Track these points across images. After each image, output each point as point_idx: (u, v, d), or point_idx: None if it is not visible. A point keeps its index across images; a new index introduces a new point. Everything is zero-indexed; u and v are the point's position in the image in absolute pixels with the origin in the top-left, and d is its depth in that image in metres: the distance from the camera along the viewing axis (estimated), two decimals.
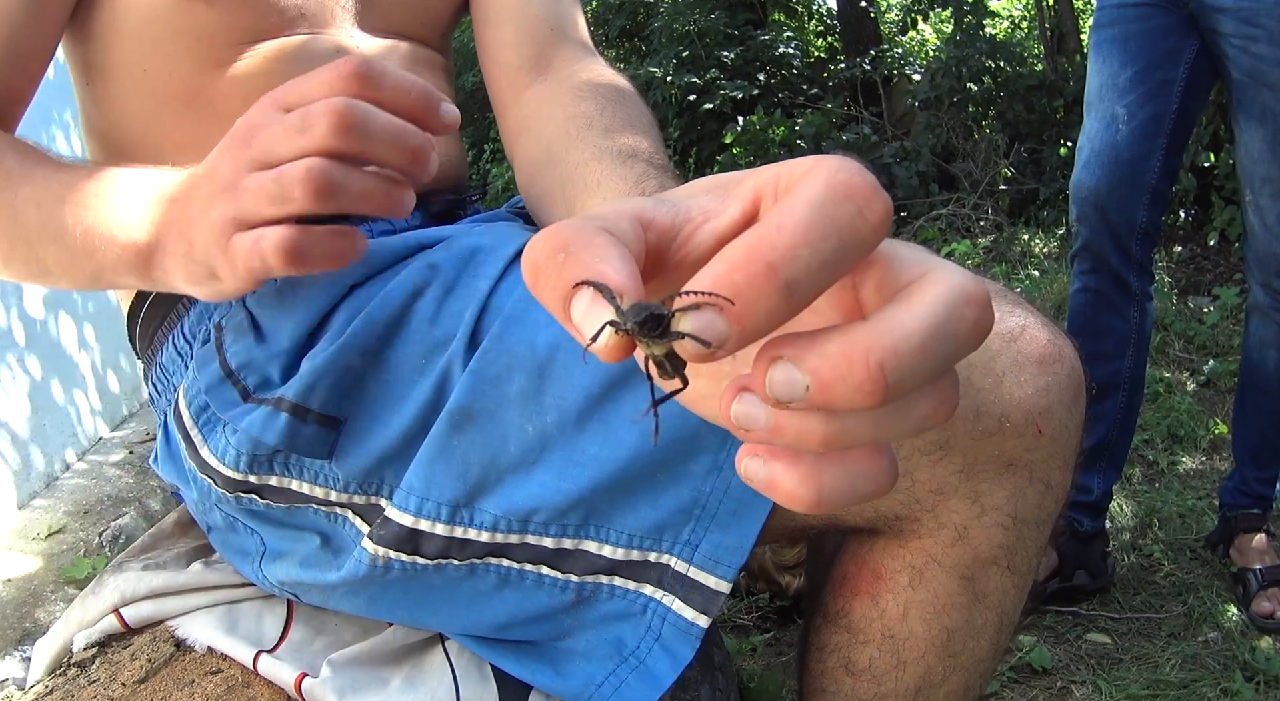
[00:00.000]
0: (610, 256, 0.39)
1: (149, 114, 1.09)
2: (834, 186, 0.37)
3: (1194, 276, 4.70)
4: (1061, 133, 5.83)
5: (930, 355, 0.37)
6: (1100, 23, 2.33)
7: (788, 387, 0.36)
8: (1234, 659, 2.17)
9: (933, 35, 7.56)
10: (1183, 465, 3.06)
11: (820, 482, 0.40)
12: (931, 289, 0.38)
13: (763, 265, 0.35)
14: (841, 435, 0.38)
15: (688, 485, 0.84)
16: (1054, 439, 0.85)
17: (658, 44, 6.99)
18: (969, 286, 0.38)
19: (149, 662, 1.00)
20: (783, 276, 0.35)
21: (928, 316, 0.37)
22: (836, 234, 0.36)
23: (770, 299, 0.36)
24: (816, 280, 0.36)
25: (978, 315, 0.38)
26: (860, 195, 0.37)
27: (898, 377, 0.36)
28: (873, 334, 0.36)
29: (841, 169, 0.38)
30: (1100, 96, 2.31)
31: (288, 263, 0.74)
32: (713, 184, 0.45)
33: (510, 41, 1.13)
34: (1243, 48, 2.10)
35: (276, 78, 1.07)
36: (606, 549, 0.86)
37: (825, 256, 0.36)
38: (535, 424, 0.85)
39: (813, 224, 0.36)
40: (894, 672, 0.93)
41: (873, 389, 0.35)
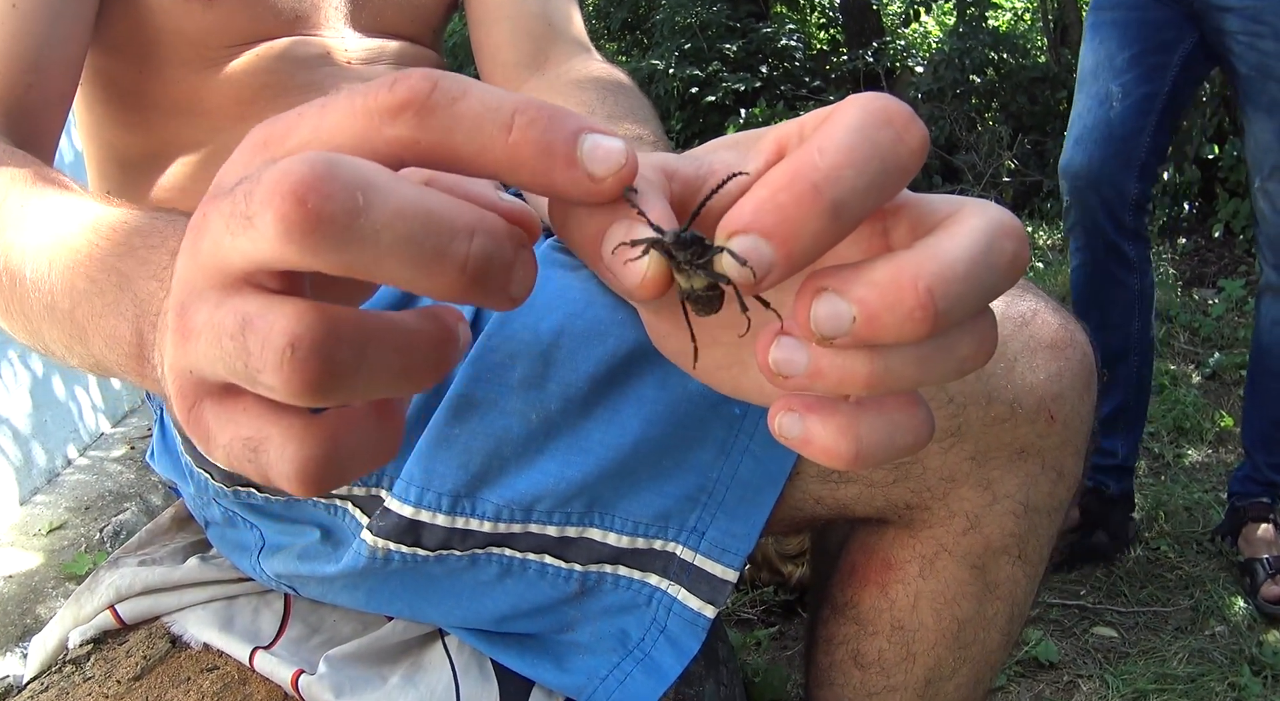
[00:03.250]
0: (644, 193, 0.38)
1: (144, 118, 1.08)
2: (872, 112, 0.37)
3: (1198, 269, 4.69)
4: (1064, 125, 5.82)
5: (975, 284, 0.36)
6: (1101, 4, 2.39)
7: (833, 320, 0.35)
8: (1241, 653, 2.16)
9: (935, 27, 7.56)
10: (1188, 458, 3.05)
11: (859, 433, 0.39)
12: (970, 220, 0.38)
13: (808, 185, 0.35)
14: (886, 375, 0.37)
15: (694, 471, 0.83)
16: (1066, 425, 0.85)
17: (660, 37, 6.99)
18: (1006, 219, 0.38)
19: (145, 659, 0.99)
20: (829, 197, 0.35)
21: (971, 244, 0.36)
22: (879, 156, 0.36)
23: (818, 220, 0.35)
24: (862, 202, 0.35)
25: (1016, 247, 0.38)
26: (899, 120, 0.37)
27: (947, 305, 0.35)
28: (920, 260, 0.35)
29: (876, 97, 0.37)
30: (1095, 75, 2.37)
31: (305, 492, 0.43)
32: (733, 141, 0.45)
33: (506, 39, 1.13)
34: (1249, 44, 2.17)
35: (270, 78, 1.07)
36: (611, 536, 0.85)
37: (870, 177, 0.35)
38: (539, 411, 0.84)
39: (856, 146, 0.35)
40: (904, 664, 0.92)
41: (923, 315, 0.35)
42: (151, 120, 1.08)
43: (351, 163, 0.32)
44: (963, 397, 0.81)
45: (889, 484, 0.86)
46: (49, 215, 0.74)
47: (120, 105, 1.08)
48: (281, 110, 1.21)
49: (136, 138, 1.10)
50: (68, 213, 0.72)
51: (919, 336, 0.35)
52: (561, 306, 0.84)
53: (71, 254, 0.68)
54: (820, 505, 0.89)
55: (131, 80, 1.05)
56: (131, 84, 1.06)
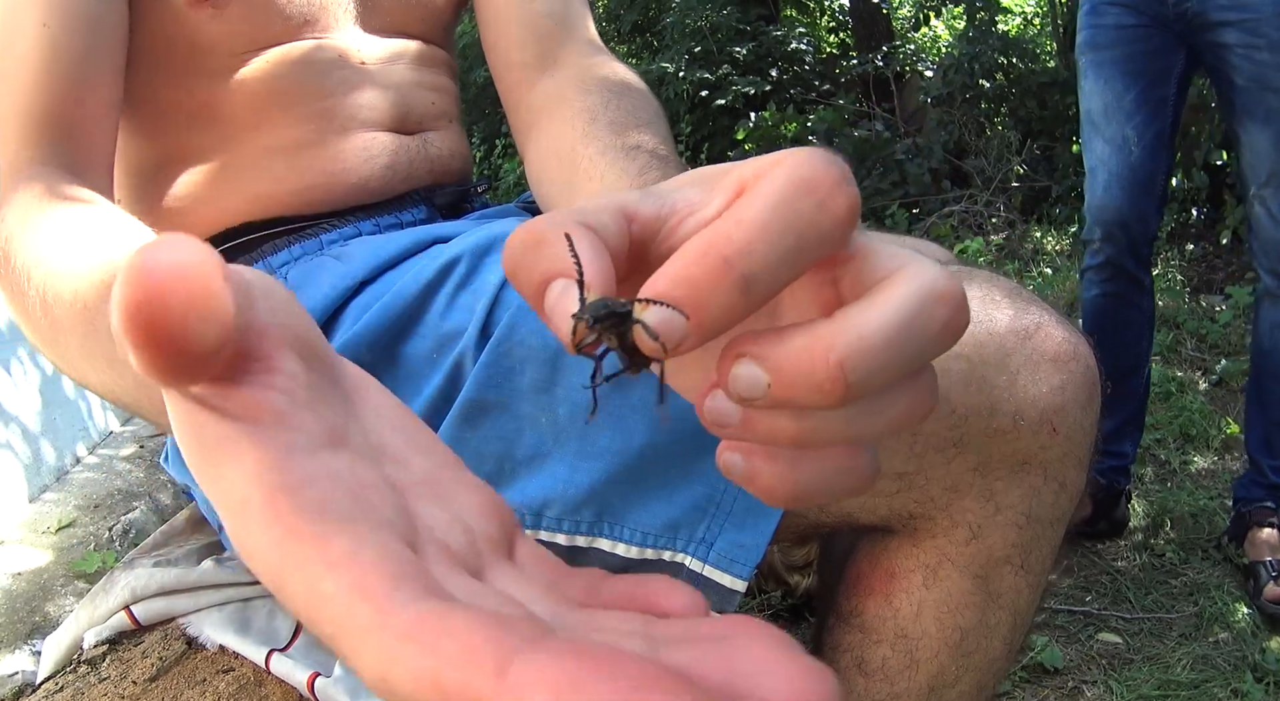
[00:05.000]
0: (582, 248, 0.38)
1: (156, 127, 1.09)
2: (795, 181, 0.36)
3: (1206, 275, 4.68)
4: (1074, 130, 5.80)
5: (896, 354, 0.36)
6: (1098, 43, 2.49)
7: (750, 385, 0.36)
8: (1244, 659, 2.16)
9: (945, 32, 7.54)
10: (1194, 465, 3.05)
11: (797, 478, 0.40)
12: (901, 286, 0.37)
13: (718, 260, 0.35)
14: (812, 433, 0.38)
15: (701, 481, 0.84)
16: (1068, 437, 0.85)
17: (670, 40, 6.98)
18: (941, 284, 0.37)
19: (160, 660, 1.00)
20: (738, 271, 0.35)
21: (894, 315, 0.36)
22: (797, 229, 0.36)
23: (726, 295, 0.35)
24: (774, 276, 0.36)
25: (949, 315, 0.37)
26: (823, 188, 0.36)
27: (860, 376, 0.35)
28: (836, 331, 0.35)
29: (808, 161, 0.37)
30: (1107, 119, 2.47)
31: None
32: (700, 176, 0.44)
33: (515, 40, 1.12)
34: (1246, 56, 2.26)
35: (283, 84, 1.08)
36: (620, 547, 0.86)
37: (783, 252, 0.36)
38: (548, 415, 0.85)
39: (771, 218, 0.35)
40: (907, 672, 0.93)
41: (833, 388, 0.35)
42: (163, 129, 1.09)
43: None
44: (965, 409, 0.82)
45: (892, 494, 0.87)
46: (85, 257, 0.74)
47: (131, 114, 1.08)
48: (296, 117, 1.20)
49: (148, 146, 1.10)
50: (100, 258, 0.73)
51: (832, 405, 0.36)
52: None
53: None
54: (825, 514, 0.89)
55: (142, 90, 1.05)
56: (142, 94, 1.06)
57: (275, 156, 1.09)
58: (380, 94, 1.15)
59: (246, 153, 1.09)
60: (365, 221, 1.10)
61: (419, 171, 1.16)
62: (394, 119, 1.15)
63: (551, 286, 0.38)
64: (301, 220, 1.09)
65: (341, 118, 1.11)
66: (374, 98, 1.14)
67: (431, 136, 1.19)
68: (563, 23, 1.12)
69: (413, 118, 1.17)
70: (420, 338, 0.91)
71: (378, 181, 1.12)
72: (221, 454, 0.31)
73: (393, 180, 1.13)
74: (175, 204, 1.10)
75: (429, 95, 1.21)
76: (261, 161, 1.09)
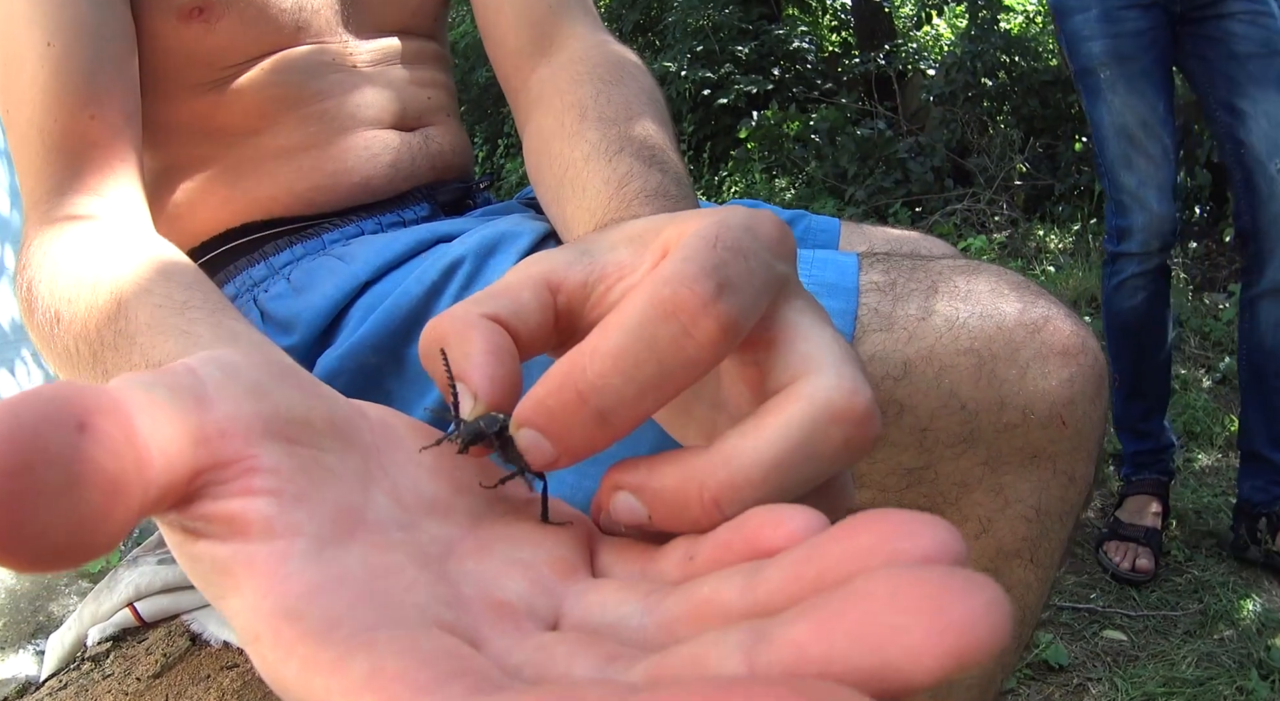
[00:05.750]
0: (473, 354, 0.38)
1: (152, 138, 1.07)
2: (656, 304, 0.34)
3: (1210, 272, 4.68)
4: (1076, 128, 5.81)
5: (780, 483, 0.34)
6: (1124, 54, 2.42)
7: (631, 516, 0.36)
8: (1249, 657, 2.16)
9: (947, 30, 7.54)
10: (1198, 462, 3.04)
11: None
12: (791, 407, 0.35)
13: (573, 394, 0.34)
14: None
15: None
16: (1078, 431, 0.85)
17: (672, 39, 6.98)
18: (839, 402, 0.35)
19: (164, 657, 1.00)
20: (593, 405, 0.34)
21: (776, 444, 0.34)
22: (656, 358, 0.34)
23: (584, 427, 0.34)
24: (633, 409, 0.34)
25: (847, 433, 0.34)
26: (686, 312, 0.34)
27: (737, 510, 0.33)
28: (709, 467, 0.34)
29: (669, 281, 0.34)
30: (1147, 133, 2.43)
31: None
32: (635, 233, 0.43)
33: (511, 25, 1.11)
34: (1252, 21, 2.28)
35: (279, 91, 1.07)
36: None
37: (641, 384, 0.34)
38: None
39: (625, 350, 0.34)
40: None
41: (710, 522, 0.34)
42: (160, 140, 1.08)
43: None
44: (975, 404, 0.82)
45: (902, 489, 0.86)
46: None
47: None
48: (296, 120, 1.19)
49: (146, 156, 1.08)
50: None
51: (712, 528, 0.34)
52: None
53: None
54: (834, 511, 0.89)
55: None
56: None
57: (277, 160, 1.09)
58: (377, 93, 1.14)
59: (246, 157, 1.09)
60: (368, 220, 1.10)
61: (421, 168, 1.15)
62: (393, 116, 1.15)
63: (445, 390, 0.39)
64: (304, 220, 1.09)
65: (341, 118, 1.10)
66: (372, 97, 1.14)
67: (432, 132, 1.18)
68: (557, 5, 1.10)
69: (411, 114, 1.17)
70: None
71: (380, 180, 1.12)
72: (222, 585, 0.30)
73: (395, 178, 1.13)
74: (175, 210, 1.10)
75: (425, 91, 1.20)
76: (262, 165, 1.09)
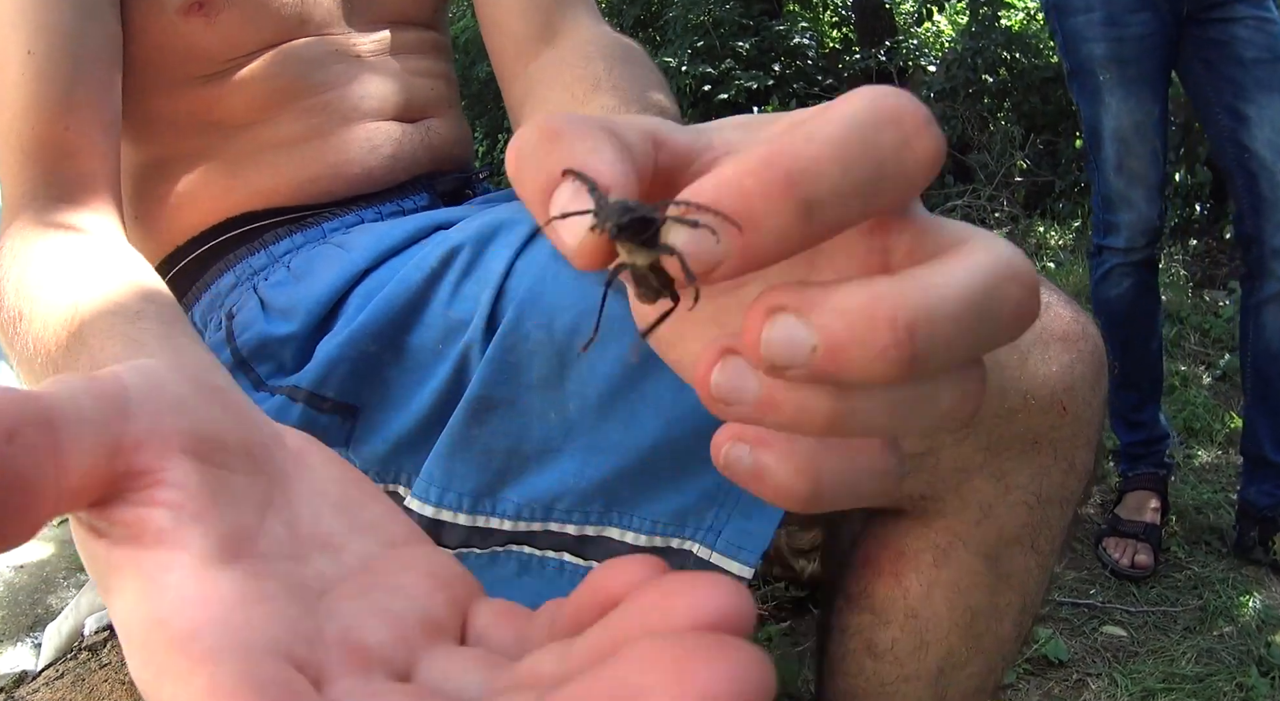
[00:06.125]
0: (603, 149, 0.33)
1: (151, 131, 1.08)
2: (880, 107, 0.31)
3: (1209, 270, 4.68)
4: (1077, 125, 5.78)
5: (966, 330, 0.30)
6: (1124, 57, 2.41)
7: (788, 348, 0.29)
8: (1249, 653, 2.16)
9: (948, 26, 7.54)
10: (1198, 459, 3.04)
11: (819, 475, 0.33)
12: (975, 254, 0.31)
13: (780, 174, 0.29)
14: (849, 419, 0.31)
15: (711, 471, 0.83)
16: (1078, 417, 0.85)
17: (672, 34, 6.97)
18: (1018, 262, 0.31)
19: None
20: (802, 192, 0.29)
21: (968, 283, 0.30)
22: (875, 159, 0.30)
23: (783, 216, 0.29)
24: (843, 208, 0.30)
25: (1022, 296, 0.31)
26: (910, 123, 0.31)
27: (927, 347, 0.29)
28: (903, 291, 0.29)
29: (891, 92, 0.31)
30: (1140, 136, 2.44)
31: None
32: (743, 121, 0.39)
33: (515, 11, 1.10)
34: (1258, 27, 2.26)
35: (281, 83, 1.07)
36: (629, 535, 0.85)
37: (857, 181, 0.30)
38: (557, 410, 0.84)
39: (849, 141, 0.30)
40: (916, 654, 0.93)
41: (898, 356, 0.28)
42: (159, 132, 1.08)
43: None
44: None
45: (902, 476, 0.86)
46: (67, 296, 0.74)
47: (126, 120, 1.04)
48: (297, 112, 1.19)
49: (144, 149, 1.09)
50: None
51: (889, 380, 0.29)
52: (574, 304, 0.84)
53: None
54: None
55: (136, 97, 1.03)
56: (136, 100, 1.04)
57: (277, 151, 1.09)
58: (379, 84, 1.14)
59: (246, 149, 1.09)
60: (368, 209, 1.10)
61: (421, 159, 1.15)
62: (395, 107, 1.14)
63: (561, 186, 0.32)
64: (304, 210, 1.09)
65: (344, 110, 1.10)
66: (373, 88, 1.13)
67: (434, 123, 1.18)
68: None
69: (413, 105, 1.16)
70: (426, 327, 0.90)
71: (381, 171, 1.11)
72: (110, 582, 0.30)
73: (396, 169, 1.12)
74: (175, 200, 1.10)
75: (427, 82, 1.20)
76: (263, 156, 1.09)
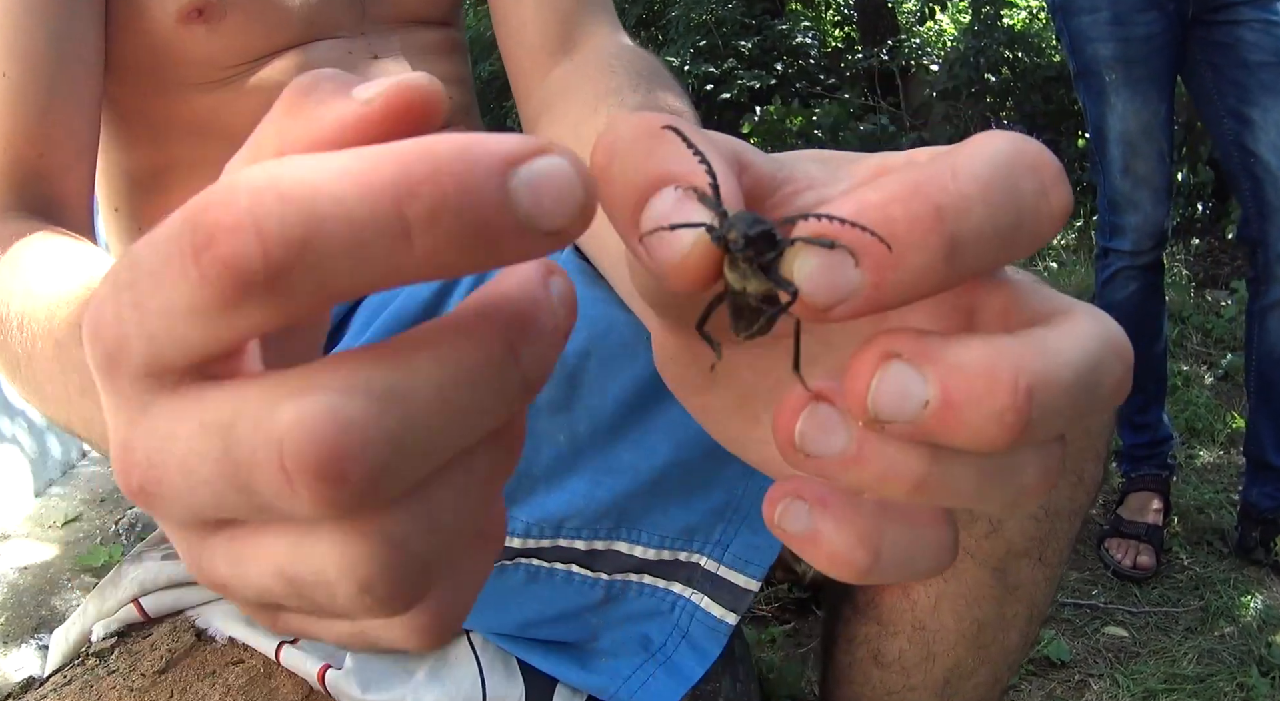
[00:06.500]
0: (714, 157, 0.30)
1: (151, 138, 1.05)
2: (1019, 152, 0.29)
3: (1211, 269, 4.67)
4: (1079, 124, 5.80)
5: (1074, 401, 0.28)
6: (1131, 57, 2.39)
7: (899, 400, 0.28)
8: (1250, 653, 2.16)
9: (950, 26, 7.53)
10: (1200, 459, 3.04)
11: (880, 545, 0.31)
12: (1085, 325, 0.30)
13: (930, 206, 0.27)
14: (938, 483, 0.29)
15: (721, 488, 0.84)
16: (1087, 430, 0.85)
17: (675, 33, 6.96)
18: (1120, 337, 0.30)
19: (169, 652, 1.00)
20: (950, 228, 0.27)
21: (1083, 353, 0.29)
22: (1016, 204, 0.28)
23: (928, 252, 0.27)
24: (984, 252, 0.28)
25: (1123, 374, 0.30)
26: (1048, 174, 0.29)
27: (1040, 415, 0.27)
28: (1025, 351, 0.28)
29: (1028, 140, 0.30)
30: (1147, 138, 2.43)
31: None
32: (820, 155, 0.37)
33: (532, 18, 1.05)
34: (1264, 30, 2.24)
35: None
36: (638, 549, 0.86)
37: (999, 225, 0.28)
38: (566, 433, 0.84)
39: (994, 182, 0.28)
40: (923, 664, 0.93)
41: (1013, 421, 0.27)
42: (159, 139, 1.05)
43: (361, 400, 0.24)
44: None
45: None
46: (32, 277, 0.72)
47: (124, 125, 1.04)
48: None
49: (144, 155, 1.06)
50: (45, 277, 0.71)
51: (996, 446, 0.27)
52: (585, 325, 0.84)
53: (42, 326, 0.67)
54: None
55: (134, 103, 1.01)
56: (135, 106, 1.02)
57: None
58: None
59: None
60: None
61: None
62: None
63: (663, 191, 0.30)
64: None
65: None
66: None
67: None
68: (585, 2, 1.05)
69: None
70: None
71: None
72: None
73: None
74: (175, 208, 1.07)
75: (446, 89, 1.11)
76: None
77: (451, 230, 0.23)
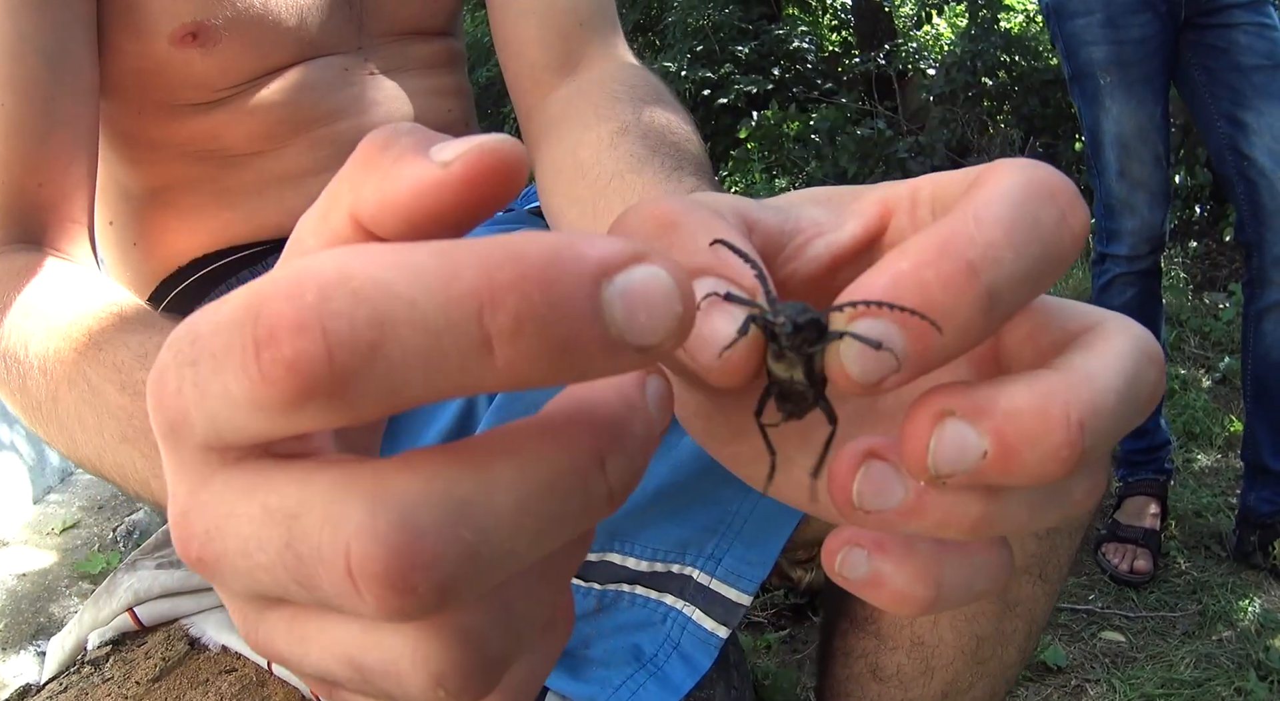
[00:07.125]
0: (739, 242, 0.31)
1: (148, 156, 1.04)
2: (1034, 183, 0.30)
3: (1209, 272, 4.67)
4: (1076, 128, 5.79)
5: (1120, 418, 0.29)
6: (1125, 60, 2.40)
7: (958, 454, 0.28)
8: (1248, 658, 2.16)
9: (947, 29, 7.53)
10: (1198, 462, 3.04)
11: (939, 578, 0.31)
12: (1116, 339, 0.30)
13: (962, 264, 0.27)
14: (995, 520, 0.30)
15: (716, 505, 0.84)
16: None
17: (672, 38, 6.97)
18: (1150, 342, 0.31)
19: (163, 661, 1.00)
20: (985, 281, 0.27)
21: (1121, 371, 0.29)
22: (1040, 238, 0.29)
23: (968, 311, 0.27)
24: (1018, 295, 0.29)
25: (1158, 379, 0.31)
26: (1064, 197, 0.30)
27: (1093, 442, 0.28)
28: (1071, 385, 0.28)
29: (1035, 165, 0.30)
30: (1143, 141, 2.42)
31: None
32: (819, 195, 0.37)
33: (534, 37, 1.01)
34: (1258, 33, 2.24)
35: (286, 112, 1.02)
36: (630, 560, 0.86)
37: (1029, 264, 0.28)
38: None
39: (1017, 221, 0.28)
40: (921, 679, 0.93)
41: (1069, 455, 0.27)
42: (157, 158, 1.04)
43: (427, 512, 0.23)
44: None
45: None
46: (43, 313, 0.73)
47: (119, 143, 1.03)
48: (306, 143, 1.13)
49: (141, 173, 1.06)
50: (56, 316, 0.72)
51: (1054, 479, 0.28)
52: None
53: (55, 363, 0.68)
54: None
55: (131, 123, 1.01)
56: (130, 126, 1.01)
57: (283, 184, 1.05)
58: (394, 110, 1.09)
59: (250, 180, 1.05)
60: None
61: None
62: None
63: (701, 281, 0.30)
64: None
65: (355, 141, 1.06)
66: (387, 115, 1.08)
67: None
68: (588, 21, 1.02)
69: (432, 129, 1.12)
70: None
71: None
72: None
73: None
74: (174, 227, 1.07)
75: (444, 102, 1.15)
76: (268, 189, 1.05)
77: (536, 344, 0.22)
